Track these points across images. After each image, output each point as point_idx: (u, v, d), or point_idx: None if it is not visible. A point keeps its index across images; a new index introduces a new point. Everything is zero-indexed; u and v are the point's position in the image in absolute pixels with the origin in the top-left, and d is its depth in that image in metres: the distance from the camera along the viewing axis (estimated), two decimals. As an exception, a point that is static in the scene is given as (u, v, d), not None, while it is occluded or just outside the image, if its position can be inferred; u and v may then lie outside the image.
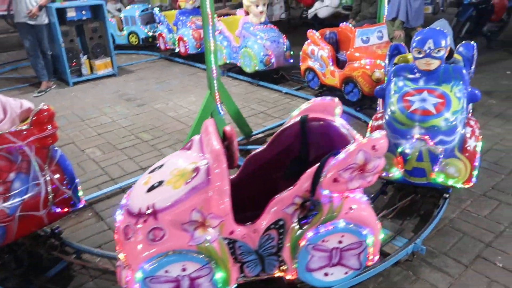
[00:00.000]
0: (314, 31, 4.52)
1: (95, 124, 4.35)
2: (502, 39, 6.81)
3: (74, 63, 5.75)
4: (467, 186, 2.37)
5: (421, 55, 2.38)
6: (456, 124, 2.31)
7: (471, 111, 2.77)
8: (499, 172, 3.06)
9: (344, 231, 1.77)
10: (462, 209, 2.66)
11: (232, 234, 1.73)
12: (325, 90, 4.71)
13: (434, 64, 2.38)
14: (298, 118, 2.03)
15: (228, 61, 5.62)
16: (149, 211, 1.64)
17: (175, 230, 1.65)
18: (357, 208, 1.77)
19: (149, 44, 7.40)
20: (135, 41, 7.49)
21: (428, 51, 2.35)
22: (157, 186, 1.72)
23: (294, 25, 8.88)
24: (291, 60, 5.33)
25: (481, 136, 2.43)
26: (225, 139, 1.86)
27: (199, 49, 6.27)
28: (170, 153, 3.54)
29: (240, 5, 7.26)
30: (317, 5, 7.80)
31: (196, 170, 1.69)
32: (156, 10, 7.01)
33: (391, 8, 5.03)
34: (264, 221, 1.75)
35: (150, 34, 7.31)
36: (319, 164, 1.68)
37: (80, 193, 2.28)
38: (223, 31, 5.57)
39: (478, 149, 2.37)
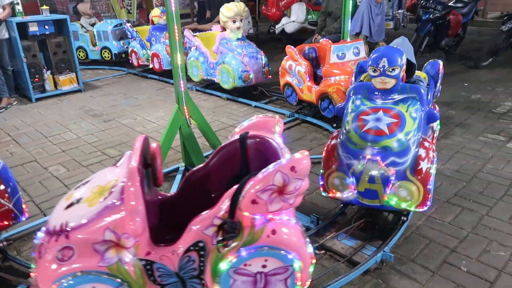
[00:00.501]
0: (292, 47, 4.47)
1: (59, 140, 4.21)
2: (459, 53, 7.17)
3: (37, 79, 5.58)
4: (420, 210, 2.30)
5: (376, 74, 2.32)
6: (409, 145, 2.24)
7: (437, 131, 2.82)
8: (460, 179, 3.17)
9: (267, 255, 1.65)
10: (427, 216, 2.74)
11: (149, 255, 1.63)
12: (306, 106, 4.66)
13: (390, 83, 2.32)
14: (238, 135, 1.96)
15: (205, 77, 5.51)
16: (62, 229, 1.57)
17: (86, 250, 1.57)
18: (281, 232, 1.65)
19: (122, 60, 7.23)
20: (108, 57, 7.31)
21: (382, 69, 2.29)
22: (75, 203, 1.65)
23: (262, 40, 9.00)
24: (270, 76, 5.22)
25: (436, 158, 2.34)
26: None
27: None
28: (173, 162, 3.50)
29: (208, 21, 7.32)
30: (284, 20, 7.96)
31: (113, 188, 1.64)
32: (128, 25, 6.88)
33: (354, 24, 5.21)
34: (183, 243, 1.65)
35: (123, 49, 7.17)
36: (239, 184, 1.61)
37: (24, 206, 2.23)
38: (199, 47, 5.49)
39: (432, 171, 2.27)
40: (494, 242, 2.46)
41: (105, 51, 7.30)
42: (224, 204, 1.61)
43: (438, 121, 2.90)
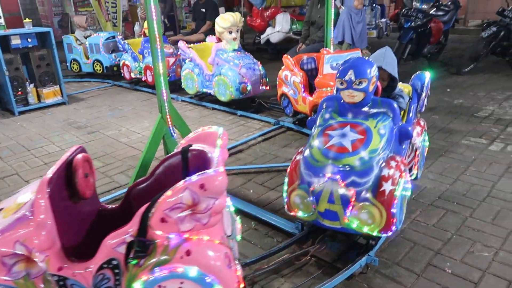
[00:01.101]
0: (289, 56, 4.37)
1: (41, 153, 4.15)
2: (441, 60, 7.31)
3: (20, 92, 5.51)
4: (385, 235, 2.15)
5: (343, 86, 2.21)
6: (373, 164, 2.08)
7: (421, 148, 2.74)
8: (444, 183, 3.20)
9: (182, 277, 1.52)
10: (412, 219, 2.74)
11: (61, 270, 1.56)
12: (303, 117, 4.52)
13: (358, 96, 2.20)
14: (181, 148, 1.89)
15: (200, 90, 5.38)
16: None
17: None
18: (197, 253, 1.52)
19: (115, 73, 7.09)
20: (100, 70, 7.18)
21: (349, 82, 2.17)
22: None
23: (248, 50, 9.04)
24: (267, 87, 5.11)
25: (403, 180, 2.13)
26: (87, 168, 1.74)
27: (168, 78, 6.08)
28: (122, 180, 3.47)
29: (193, 32, 7.35)
30: (268, 30, 8.03)
31: (29, 199, 1.59)
32: (120, 38, 6.78)
33: (337, 32, 5.28)
34: (97, 259, 1.57)
35: (115, 62, 7.06)
36: (151, 201, 1.52)
37: None
38: (194, 59, 5.35)
39: (397, 193, 2.07)
40: (478, 243, 2.47)
41: (97, 64, 7.19)
42: (136, 221, 1.52)
43: (425, 138, 2.90)
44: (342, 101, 2.30)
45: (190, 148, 1.83)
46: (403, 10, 6.53)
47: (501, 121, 4.42)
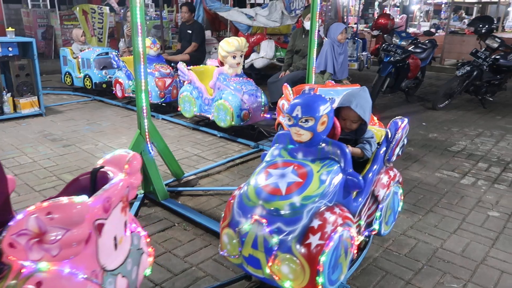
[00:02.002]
0: (289, 86, 4.21)
1: (12, 164, 4.02)
2: (418, 95, 7.56)
3: (-5, 101, 5.39)
4: None
5: (290, 123, 2.05)
6: (303, 212, 1.88)
7: (382, 200, 2.41)
8: (417, 213, 3.25)
9: None
10: (384, 248, 2.76)
11: None
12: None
13: (305, 135, 2.03)
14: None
15: (198, 114, 5.18)
16: None
17: None
18: (50, 285, 1.36)
19: (108, 90, 6.80)
20: (89, 85, 6.91)
21: (295, 119, 2.01)
22: None
23: (232, 74, 9.17)
24: (268, 116, 4.99)
25: (339, 234, 1.90)
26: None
27: (163, 99, 5.90)
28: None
29: (178, 52, 7.40)
30: (253, 56, 8.17)
31: None
32: (114, 54, 6.54)
33: (319, 62, 5.41)
34: None
35: (105, 79, 6.79)
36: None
37: None
38: (193, 81, 5.15)
39: (326, 249, 1.83)
40: (448, 275, 2.50)
41: (87, 79, 6.92)
42: None
43: (398, 191, 2.59)
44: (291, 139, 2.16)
45: (100, 169, 1.71)
46: (383, 45, 6.78)
47: (473, 156, 4.56)
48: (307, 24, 5.70)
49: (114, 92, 6.49)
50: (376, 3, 17.99)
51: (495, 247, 2.80)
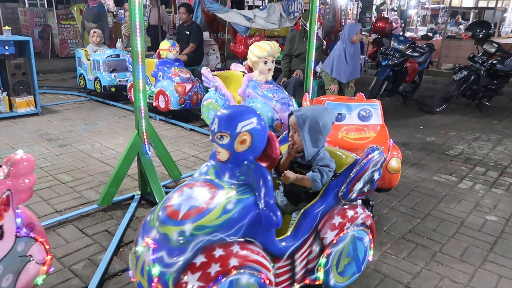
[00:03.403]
0: (308, 96, 3.98)
1: (7, 164, 3.97)
2: (415, 98, 7.58)
3: (-10, 99, 5.34)
4: None
5: (210, 138, 1.85)
6: (189, 244, 1.62)
7: (329, 245, 1.99)
8: (415, 217, 3.24)
9: None
10: (382, 251, 2.75)
11: None
12: None
13: (223, 153, 1.80)
14: None
15: None
16: None
17: None
18: None
19: (119, 95, 6.57)
20: (99, 88, 6.62)
21: (213, 133, 1.79)
22: None
23: (230, 76, 9.16)
24: None
25: (232, 278, 1.63)
26: None
27: (183, 105, 5.49)
28: (91, 195, 3.35)
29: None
30: (251, 58, 8.16)
31: None
32: (129, 56, 6.00)
33: (327, 62, 5.37)
34: None
35: (114, 82, 6.49)
36: None
37: None
38: (219, 88, 4.85)
39: None
40: (446, 279, 2.48)
41: (97, 82, 6.62)
42: None
43: (365, 240, 2.16)
44: None
45: None
46: (381, 48, 6.80)
47: (470, 160, 4.57)
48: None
49: (129, 97, 6.17)
50: (374, 7, 18.06)
51: (494, 252, 2.79)
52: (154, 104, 5.70)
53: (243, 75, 4.68)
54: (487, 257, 2.72)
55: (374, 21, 11.43)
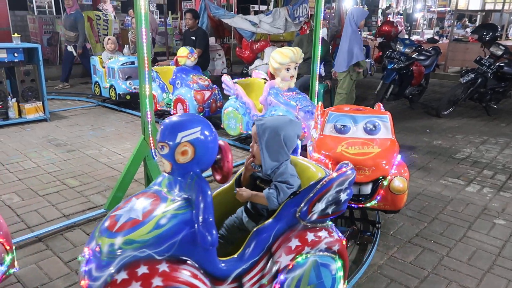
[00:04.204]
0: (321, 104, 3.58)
1: (16, 169, 4.03)
2: (422, 102, 7.55)
3: (0, 106, 5.41)
4: None
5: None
6: (115, 258, 1.54)
7: (283, 269, 1.75)
8: (422, 220, 3.22)
9: None
10: (389, 255, 2.74)
11: None
12: None
13: (166, 165, 1.71)
14: None
15: (245, 132, 4.72)
16: None
17: None
18: None
19: (126, 101, 6.47)
20: (114, 96, 6.52)
21: (157, 142, 1.70)
22: None
23: (236, 81, 9.21)
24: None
25: None
26: None
27: (202, 113, 5.28)
28: (98, 200, 3.38)
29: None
30: (257, 62, 8.19)
31: None
32: None
33: (343, 56, 5.32)
34: None
35: (129, 91, 6.41)
36: None
37: None
38: (240, 96, 4.69)
39: None
40: (454, 283, 2.46)
41: (112, 90, 6.54)
42: None
43: (331, 267, 1.86)
44: None
45: None
46: (387, 52, 6.78)
47: (478, 163, 4.53)
48: (322, 31, 5.66)
49: None
50: (380, 11, 18.05)
51: (502, 256, 2.76)
52: (172, 113, 5.57)
53: (265, 83, 4.55)
54: (496, 261, 2.70)
55: (380, 24, 11.42)
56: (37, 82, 5.69)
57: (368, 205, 2.69)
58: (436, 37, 13.27)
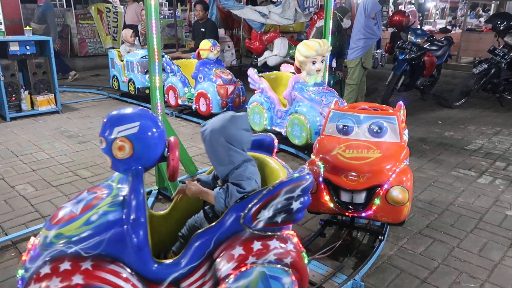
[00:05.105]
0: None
1: (30, 160, 4.09)
2: (433, 93, 7.46)
3: (13, 98, 5.49)
4: None
5: None
6: (44, 252, 1.53)
7: (225, 279, 1.60)
8: (432, 212, 3.20)
9: None
10: (399, 246, 2.73)
11: None
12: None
13: (108, 160, 1.65)
14: None
15: (269, 128, 4.55)
16: None
17: None
18: None
19: (145, 95, 6.07)
20: (133, 90, 6.37)
21: None
22: None
23: (245, 72, 9.17)
24: None
25: None
26: None
27: (225, 108, 5.17)
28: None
29: (192, 50, 7.43)
30: (266, 54, 8.16)
31: None
32: (167, 57, 5.82)
33: (356, 45, 5.32)
34: None
35: (148, 85, 6.19)
36: None
37: None
38: (265, 90, 4.56)
39: None
40: (464, 274, 2.46)
41: (131, 84, 6.38)
42: None
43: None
44: None
45: None
46: (399, 42, 6.70)
47: (490, 155, 4.48)
48: (346, 23, 5.62)
49: (166, 99, 5.80)
50: (391, 1, 17.79)
51: (513, 247, 2.74)
52: (194, 107, 5.49)
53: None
54: (507, 253, 2.68)
55: (391, 15, 11.26)
56: (49, 75, 5.75)
57: (363, 214, 2.40)
58: (449, 27, 13.05)
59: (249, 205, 1.63)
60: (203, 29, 6.97)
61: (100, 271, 1.51)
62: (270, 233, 1.67)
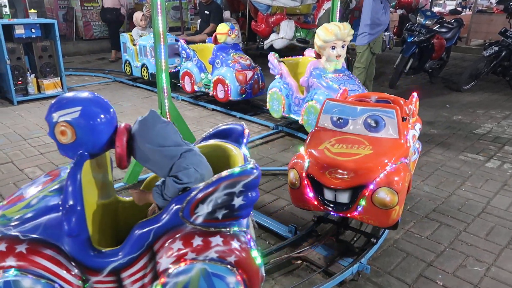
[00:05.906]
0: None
1: (38, 143, 4.12)
2: (442, 76, 7.35)
3: (20, 82, 5.50)
4: None
5: None
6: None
7: (167, 274, 1.54)
8: (439, 196, 3.19)
9: None
10: (406, 230, 2.74)
11: None
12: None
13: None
14: None
15: (286, 115, 4.42)
16: None
17: None
18: None
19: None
20: (146, 76, 6.26)
21: None
22: None
23: (252, 55, 9.08)
24: None
25: None
26: None
27: (244, 95, 5.00)
28: (117, 174, 3.44)
29: (197, 33, 7.37)
30: (272, 36, 8.07)
31: None
32: (183, 41, 5.65)
33: (370, 25, 5.22)
34: None
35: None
36: None
37: None
38: (284, 76, 4.40)
39: None
40: (470, 258, 2.46)
41: (144, 69, 6.26)
42: None
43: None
44: None
45: None
46: (407, 24, 6.58)
47: (499, 139, 4.43)
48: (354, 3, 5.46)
49: (181, 85, 5.74)
50: (400, -18, 17.41)
51: (521, 231, 2.74)
52: (211, 94, 5.26)
53: None
54: (514, 237, 2.68)
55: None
56: (55, 58, 5.74)
57: (348, 216, 2.25)
58: (459, 9, 12.78)
59: (187, 198, 1.54)
60: (208, 12, 6.89)
61: (34, 255, 1.53)
62: (213, 229, 1.57)
